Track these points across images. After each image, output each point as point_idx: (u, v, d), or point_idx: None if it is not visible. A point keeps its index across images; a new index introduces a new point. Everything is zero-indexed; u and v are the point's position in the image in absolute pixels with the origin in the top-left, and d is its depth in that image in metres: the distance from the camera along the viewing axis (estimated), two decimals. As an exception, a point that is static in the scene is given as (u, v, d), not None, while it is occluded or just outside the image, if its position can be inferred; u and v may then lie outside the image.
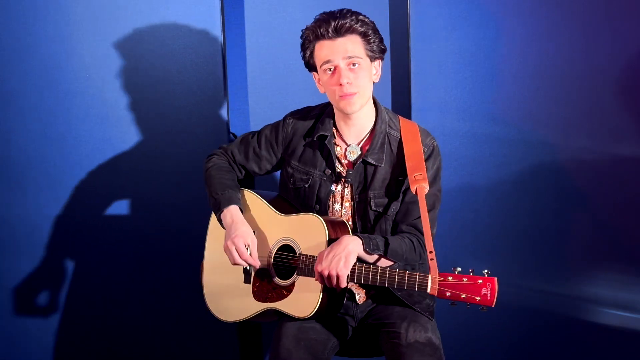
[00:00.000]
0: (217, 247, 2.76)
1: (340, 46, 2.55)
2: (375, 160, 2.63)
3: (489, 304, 2.28)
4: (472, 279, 2.29)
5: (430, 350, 2.49)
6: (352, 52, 2.55)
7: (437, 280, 2.32)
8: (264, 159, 2.78)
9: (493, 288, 2.28)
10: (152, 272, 3.43)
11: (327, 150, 2.67)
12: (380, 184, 2.63)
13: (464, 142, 3.29)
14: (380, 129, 2.65)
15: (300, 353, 2.52)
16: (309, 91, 3.30)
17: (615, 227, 3.29)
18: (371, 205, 2.63)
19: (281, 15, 3.31)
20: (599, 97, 3.23)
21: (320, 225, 2.56)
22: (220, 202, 2.67)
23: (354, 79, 2.55)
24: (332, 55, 2.55)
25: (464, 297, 2.29)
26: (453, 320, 3.28)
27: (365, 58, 2.57)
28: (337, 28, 2.54)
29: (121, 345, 3.48)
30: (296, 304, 2.57)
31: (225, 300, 2.75)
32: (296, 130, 2.73)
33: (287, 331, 2.58)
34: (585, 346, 3.34)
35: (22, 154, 3.35)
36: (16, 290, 3.43)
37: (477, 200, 3.30)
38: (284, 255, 2.64)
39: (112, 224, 3.40)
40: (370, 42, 2.57)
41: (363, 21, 2.57)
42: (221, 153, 2.83)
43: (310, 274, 2.54)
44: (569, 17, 3.20)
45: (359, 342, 2.75)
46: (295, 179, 2.71)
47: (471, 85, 3.28)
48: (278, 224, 2.67)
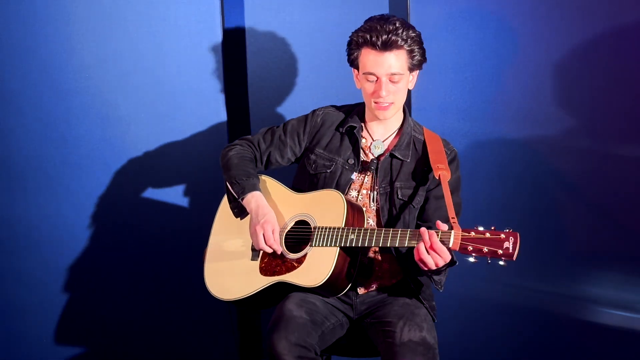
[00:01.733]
0: (224, 231, 2.79)
1: (385, 61, 2.61)
2: (402, 155, 2.73)
3: (511, 257, 2.31)
4: (495, 234, 2.33)
5: (423, 350, 2.51)
6: (396, 68, 2.62)
7: (460, 235, 2.36)
8: (288, 146, 2.82)
9: (515, 242, 2.31)
10: (153, 271, 3.43)
11: (354, 139, 2.75)
12: (406, 176, 2.72)
13: (464, 142, 3.30)
14: (406, 131, 2.76)
15: (302, 312, 2.56)
16: (309, 91, 3.31)
17: (616, 227, 3.29)
18: (398, 194, 2.70)
19: (281, 15, 3.31)
20: (599, 97, 3.23)
21: (339, 198, 2.61)
22: (245, 187, 2.72)
23: (393, 92, 2.65)
24: (376, 69, 2.62)
25: (486, 251, 2.33)
26: (453, 320, 3.28)
27: (407, 72, 2.65)
28: (387, 43, 2.59)
29: (122, 345, 3.48)
30: (307, 274, 2.59)
31: (228, 279, 2.74)
32: (325, 122, 2.81)
33: (291, 298, 2.63)
34: (586, 346, 3.34)
35: (22, 154, 3.35)
36: (16, 290, 3.43)
37: (477, 200, 3.30)
38: (297, 229, 2.68)
39: (112, 223, 3.40)
40: (414, 57, 2.64)
41: (412, 38, 2.62)
42: (245, 144, 2.85)
43: (324, 244, 2.58)
44: (569, 17, 3.20)
45: (357, 341, 2.76)
46: (317, 165, 2.76)
47: (471, 85, 3.28)
48: (295, 202, 2.72)
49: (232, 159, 2.79)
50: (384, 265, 2.72)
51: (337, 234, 2.57)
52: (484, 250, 2.32)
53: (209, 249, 2.83)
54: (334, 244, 2.56)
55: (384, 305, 2.69)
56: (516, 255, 2.31)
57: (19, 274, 3.42)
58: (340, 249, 2.56)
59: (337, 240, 2.56)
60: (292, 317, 2.54)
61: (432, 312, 2.72)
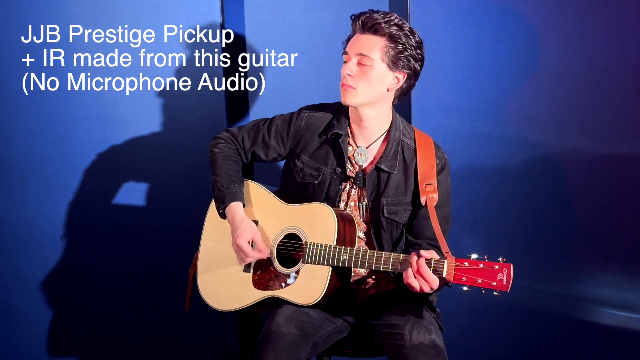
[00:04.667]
0: (214, 236, 2.76)
1: (358, 41, 2.55)
2: (388, 167, 2.63)
3: (504, 289, 2.32)
4: (488, 265, 2.33)
5: (435, 352, 2.48)
6: (365, 50, 2.53)
7: (454, 266, 2.36)
8: (271, 147, 2.76)
9: (509, 274, 2.32)
10: (153, 271, 3.43)
11: (339, 150, 2.66)
12: (393, 191, 2.63)
13: (464, 142, 3.30)
14: (394, 136, 2.64)
15: (290, 328, 2.51)
16: (308, 91, 3.31)
17: (616, 227, 3.29)
18: (383, 212, 2.63)
19: (281, 15, 3.31)
20: (599, 97, 3.23)
21: (329, 214, 2.56)
22: (225, 197, 2.68)
23: (357, 75, 2.55)
24: (350, 48, 2.57)
25: (480, 282, 2.34)
26: (453, 320, 3.28)
27: (380, 62, 2.54)
28: (367, 25, 2.53)
29: (122, 345, 3.48)
30: (300, 292, 2.57)
31: (222, 289, 2.72)
32: (310, 125, 2.72)
33: (282, 311, 2.58)
34: (586, 346, 3.34)
35: (22, 154, 3.35)
36: (16, 290, 3.43)
37: (477, 200, 3.30)
38: (288, 243, 2.64)
39: (112, 223, 3.40)
40: (395, 50, 2.53)
41: (397, 26, 2.53)
42: (230, 139, 2.79)
43: (316, 262, 2.55)
44: (568, 17, 3.20)
45: (359, 342, 2.74)
46: (304, 174, 2.70)
47: (471, 85, 3.28)
48: (283, 213, 2.66)
49: (217, 158, 2.75)
50: (379, 272, 2.68)
51: (329, 253, 2.53)
52: (478, 281, 2.34)
53: (201, 254, 2.80)
54: (327, 263, 2.54)
55: (387, 309, 2.65)
56: (510, 287, 2.32)
57: (19, 274, 3.42)
58: (332, 268, 2.54)
59: (329, 259, 2.53)
60: (280, 333, 2.49)
61: (438, 319, 2.68)
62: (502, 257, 2.34)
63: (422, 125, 2.78)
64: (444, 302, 2.98)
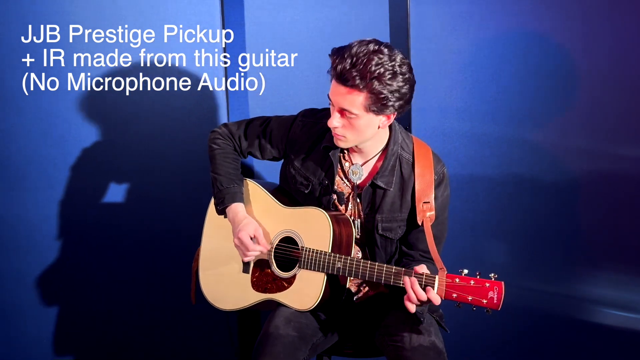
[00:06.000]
0: (214, 234, 2.78)
1: (339, 94, 2.41)
2: (384, 183, 2.57)
3: (495, 307, 2.30)
4: (479, 282, 2.31)
5: (435, 354, 2.48)
6: (347, 106, 2.41)
7: (445, 282, 2.34)
8: (267, 151, 2.76)
9: (500, 292, 2.30)
10: (153, 271, 3.43)
11: (329, 162, 2.62)
12: (388, 207, 2.58)
13: (464, 142, 3.29)
14: (392, 151, 2.57)
15: (288, 330, 2.52)
16: (308, 91, 3.31)
17: (616, 227, 3.29)
18: (378, 229, 2.60)
19: (281, 15, 3.31)
20: (599, 97, 3.23)
21: (325, 220, 2.56)
22: (224, 197, 2.69)
23: (345, 125, 2.46)
24: (332, 96, 2.45)
25: (471, 300, 2.32)
26: (453, 319, 3.28)
27: (364, 113, 2.42)
28: (340, 73, 2.38)
29: (122, 344, 3.48)
30: (297, 297, 2.58)
31: (223, 289, 2.74)
32: (305, 133, 2.68)
33: (280, 313, 2.58)
34: (586, 346, 3.34)
35: (22, 154, 3.35)
36: (16, 290, 3.43)
37: (477, 200, 3.30)
38: (285, 247, 2.64)
39: (112, 223, 3.40)
40: (379, 103, 2.39)
41: (376, 78, 2.35)
42: (227, 136, 2.77)
43: (312, 268, 2.55)
44: (569, 17, 3.20)
45: (359, 342, 2.74)
46: (296, 182, 2.68)
47: (471, 85, 3.28)
48: (281, 216, 2.66)
49: (216, 155, 2.74)
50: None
51: (325, 260, 2.53)
52: (468, 298, 2.32)
53: (202, 252, 2.83)
54: (322, 270, 2.54)
55: (387, 310, 2.65)
56: (501, 306, 2.30)
57: (19, 274, 3.42)
58: (327, 275, 2.54)
59: (324, 267, 2.53)
60: (278, 335, 2.49)
61: (442, 321, 2.68)
62: (494, 274, 2.31)
63: (422, 126, 2.78)
64: (445, 302, 2.98)
